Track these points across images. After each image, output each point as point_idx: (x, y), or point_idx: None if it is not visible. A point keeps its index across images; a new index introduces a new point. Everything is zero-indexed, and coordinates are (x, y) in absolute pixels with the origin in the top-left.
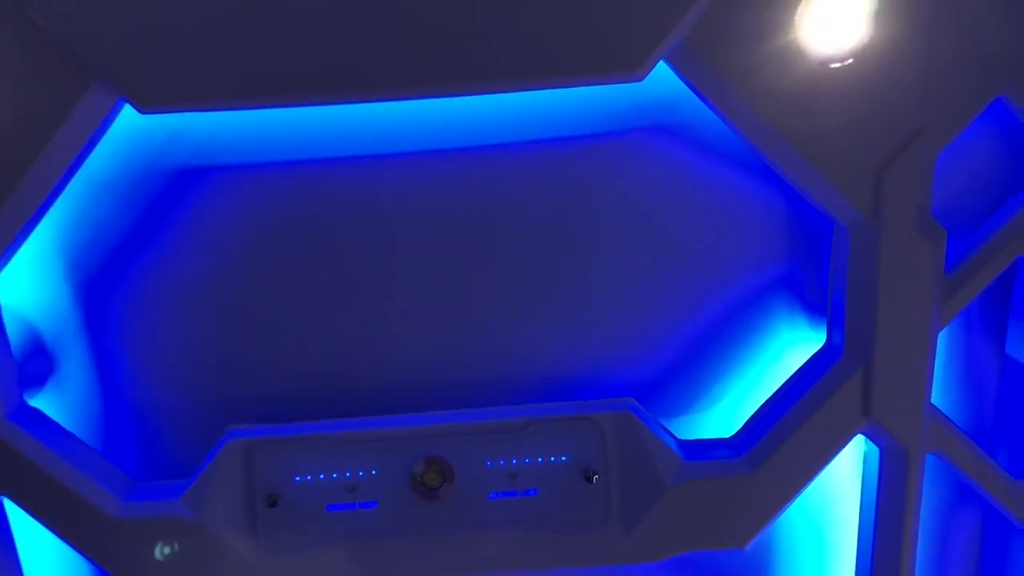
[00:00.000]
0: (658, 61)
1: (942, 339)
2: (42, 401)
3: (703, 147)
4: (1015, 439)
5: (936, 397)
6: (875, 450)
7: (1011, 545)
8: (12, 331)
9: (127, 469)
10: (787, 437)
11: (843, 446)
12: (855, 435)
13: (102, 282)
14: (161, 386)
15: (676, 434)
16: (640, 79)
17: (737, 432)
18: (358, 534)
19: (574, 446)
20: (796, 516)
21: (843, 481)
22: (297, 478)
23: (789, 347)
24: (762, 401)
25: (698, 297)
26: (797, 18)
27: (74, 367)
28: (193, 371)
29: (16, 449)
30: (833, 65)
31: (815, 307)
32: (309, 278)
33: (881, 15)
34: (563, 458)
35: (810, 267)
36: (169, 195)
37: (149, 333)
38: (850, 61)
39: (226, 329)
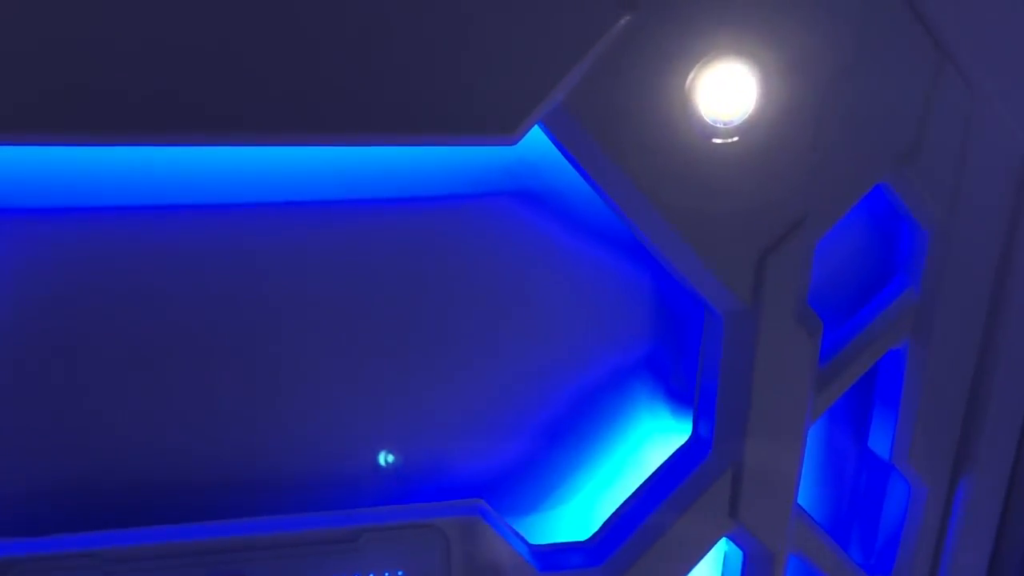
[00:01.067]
0: (533, 124)
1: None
2: None
3: (568, 217)
4: (869, 533)
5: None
6: (737, 553)
7: None
8: None
9: None
10: (651, 542)
11: (708, 551)
12: (721, 538)
13: None
14: None
15: (526, 534)
16: (514, 142)
17: (595, 535)
18: None
19: (413, 559)
20: None
21: None
22: None
23: (649, 437)
24: (619, 497)
25: (553, 379)
26: (685, 89)
27: None
28: None
29: None
30: (717, 141)
31: (678, 394)
32: (88, 351)
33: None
34: (399, 573)
35: (674, 351)
36: None
37: None
38: (735, 139)
39: None
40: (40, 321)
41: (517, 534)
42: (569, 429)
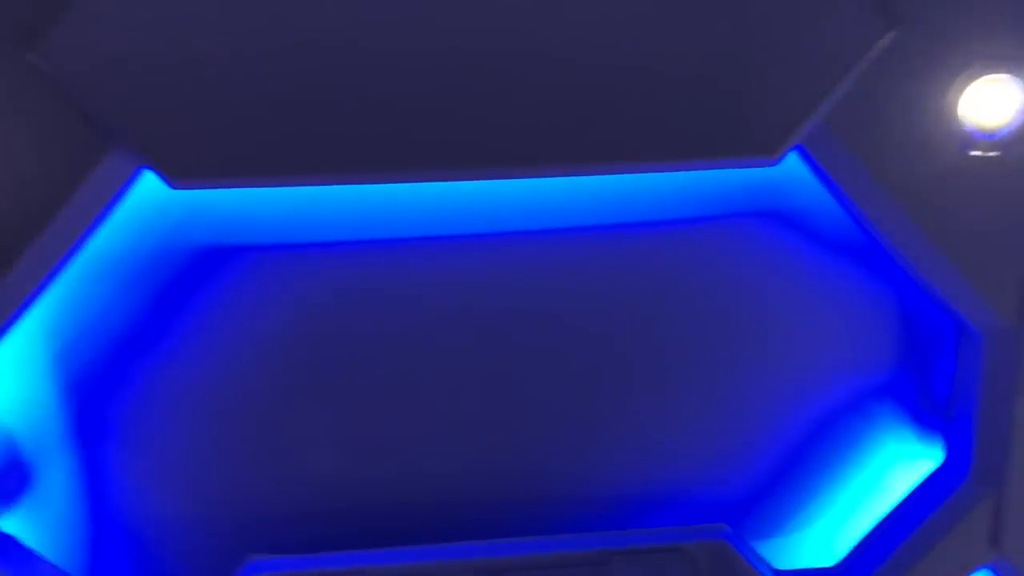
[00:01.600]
0: (794, 144)
1: None
2: (12, 523)
3: (808, 235)
4: None
5: None
6: None
7: None
8: None
9: None
10: (904, 571)
11: None
12: (976, 569)
13: (95, 380)
14: (161, 505)
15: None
16: (774, 164)
17: (842, 561)
18: None
19: None
20: None
21: None
22: None
23: (894, 462)
24: (863, 522)
25: (792, 403)
26: (948, 104)
27: (56, 482)
28: (199, 487)
29: None
30: (979, 154)
31: (925, 418)
32: (340, 382)
33: None
34: None
35: (921, 373)
36: (183, 279)
37: (149, 441)
38: (999, 153)
39: (240, 438)
40: (310, 351)
41: (762, 559)
42: (809, 453)
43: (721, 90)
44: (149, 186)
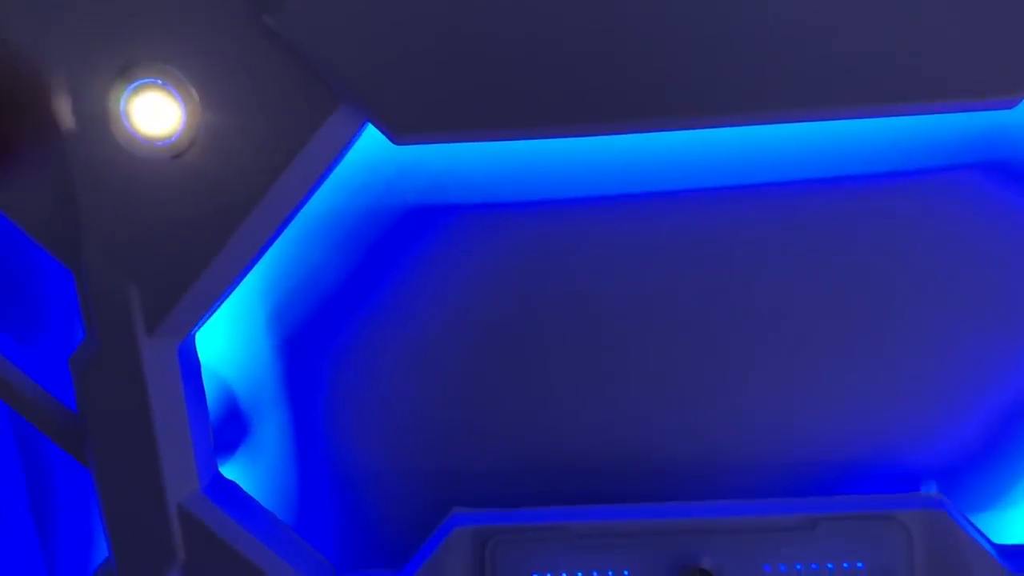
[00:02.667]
0: None
1: None
2: (233, 468)
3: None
4: None
5: None
6: None
7: None
8: (207, 391)
9: (326, 552)
10: None
11: None
12: None
13: (309, 336)
14: (369, 456)
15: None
16: (1012, 106)
17: None
18: None
19: (872, 550)
20: None
21: None
22: (535, 574)
23: None
24: None
25: (1010, 369)
26: None
27: (270, 433)
28: (407, 441)
29: (210, 527)
30: None
31: None
32: (549, 338)
33: None
34: (858, 564)
35: None
36: (395, 237)
37: (359, 395)
38: None
39: (449, 393)
40: (514, 309)
41: (981, 531)
42: (1020, 423)
43: (956, 27)
44: (365, 146)
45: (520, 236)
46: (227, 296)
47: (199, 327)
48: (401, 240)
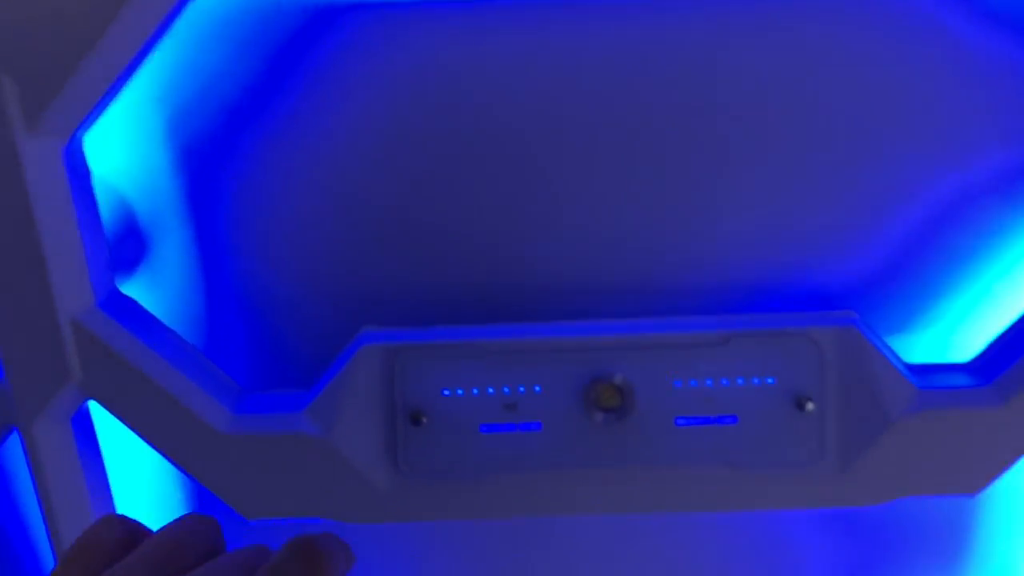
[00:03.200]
0: None
1: None
2: (132, 289)
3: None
4: None
5: None
6: None
7: None
8: (102, 204)
9: (234, 374)
10: None
11: None
12: None
13: (210, 146)
14: (277, 275)
15: None
16: None
17: (980, 355)
18: (517, 460)
19: (784, 366)
20: None
21: None
22: (446, 392)
23: None
24: (998, 320)
25: (927, 181)
26: None
27: (172, 249)
28: (316, 258)
29: (107, 344)
30: None
31: None
32: (466, 151)
33: None
34: (769, 380)
35: None
36: (300, 39)
37: (265, 210)
38: None
39: (360, 208)
40: (431, 120)
41: (892, 349)
42: (939, 240)
43: None
44: None
45: (434, 38)
46: (114, 95)
47: (85, 128)
48: (307, 42)
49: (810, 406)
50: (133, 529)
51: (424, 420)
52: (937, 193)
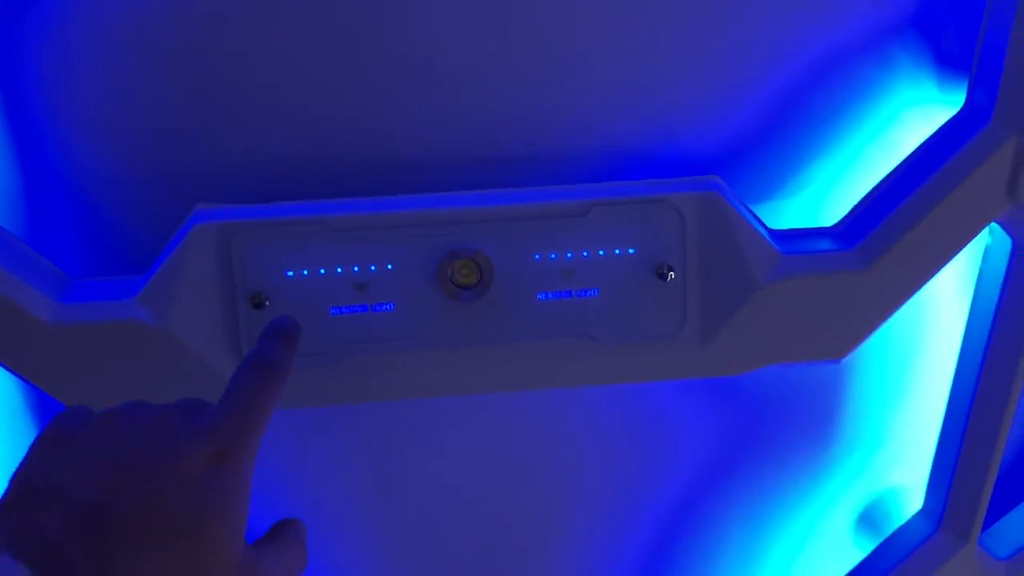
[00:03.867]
0: None
1: None
2: None
3: None
4: None
5: None
6: (1004, 244)
7: None
8: None
9: (59, 262)
10: (909, 226)
11: (974, 237)
12: (990, 223)
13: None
14: (99, 150)
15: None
16: None
17: (845, 217)
18: (370, 343)
19: (644, 235)
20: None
21: (941, 282)
22: (290, 273)
23: (908, 110)
24: (867, 183)
25: (793, 39)
26: None
27: None
28: (142, 131)
29: None
30: None
31: (949, 58)
32: (307, 11)
33: None
34: (630, 250)
35: (947, 8)
36: None
37: (80, 75)
38: None
39: (189, 73)
40: None
41: (755, 215)
42: (808, 102)
43: None
44: None
45: None
46: None
47: None
48: None
49: (672, 275)
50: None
51: (267, 303)
52: (807, 52)
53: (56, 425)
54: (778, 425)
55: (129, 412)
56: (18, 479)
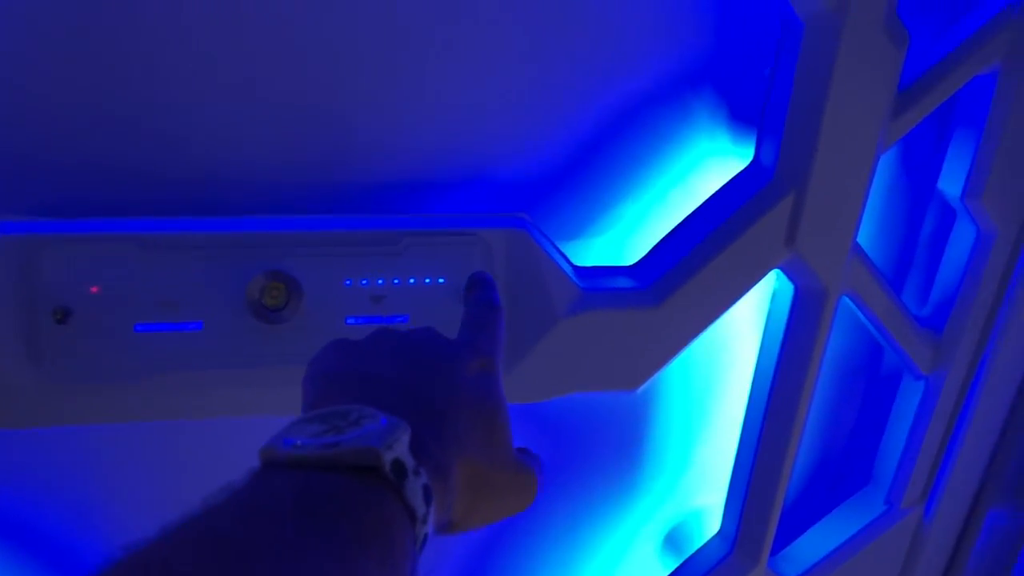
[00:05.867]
0: None
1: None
2: None
3: None
4: (927, 282)
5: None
6: (788, 288)
7: (910, 394)
8: None
9: None
10: (698, 268)
11: (758, 281)
12: (772, 270)
13: None
14: None
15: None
16: None
17: (643, 258)
18: (176, 362)
19: (454, 266)
20: (687, 356)
21: (739, 319)
22: (94, 288)
23: (705, 161)
24: (667, 226)
25: (602, 81)
26: None
27: None
28: None
29: None
30: None
31: (742, 114)
32: (120, 28)
33: None
34: (440, 280)
35: (741, 62)
36: None
37: None
38: None
39: None
40: None
41: (561, 252)
42: (615, 147)
43: None
44: None
45: None
46: None
47: None
48: None
49: None
50: None
51: (70, 318)
52: (612, 100)
53: (335, 345)
54: (587, 452)
55: (396, 331)
56: (319, 376)
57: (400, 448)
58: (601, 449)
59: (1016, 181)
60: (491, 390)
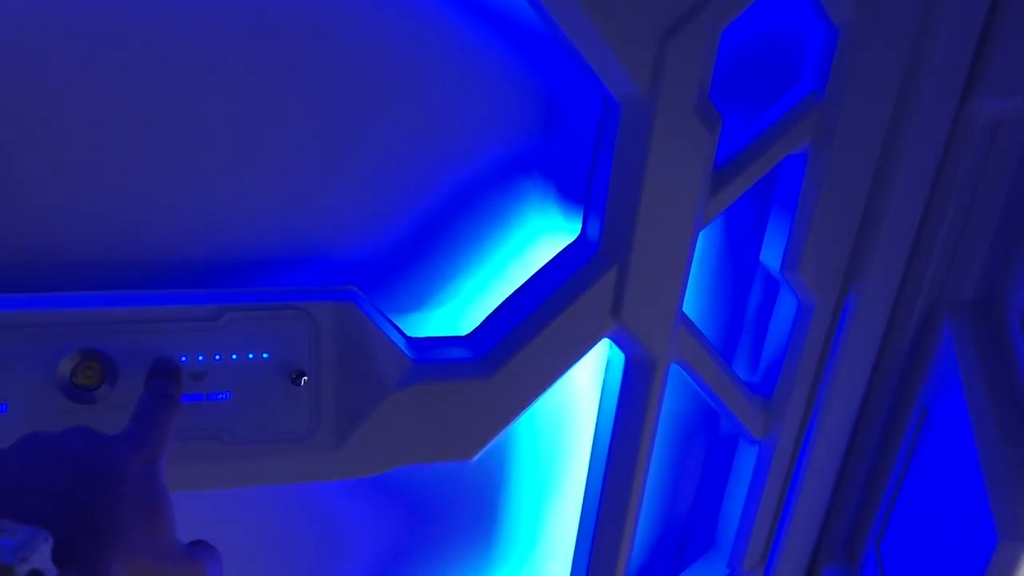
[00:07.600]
0: None
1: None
2: None
3: (459, 5)
4: (756, 350)
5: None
6: (619, 357)
7: (746, 457)
8: None
9: None
10: (529, 339)
11: (587, 351)
12: (600, 339)
13: None
14: None
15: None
16: None
17: (474, 331)
18: None
19: (279, 341)
20: (527, 424)
21: (580, 388)
22: None
23: (537, 236)
24: (503, 297)
25: (437, 170)
26: None
27: None
28: None
29: None
30: None
31: (569, 192)
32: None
33: None
34: (264, 355)
35: (567, 146)
36: None
37: None
38: None
39: None
40: None
41: (393, 323)
42: (452, 226)
43: None
44: None
45: None
46: None
47: None
48: None
49: (305, 380)
50: None
51: None
52: (448, 183)
53: None
54: (444, 524)
55: (46, 435)
56: None
57: (39, 559)
58: (456, 522)
59: (829, 254)
60: (153, 485)
